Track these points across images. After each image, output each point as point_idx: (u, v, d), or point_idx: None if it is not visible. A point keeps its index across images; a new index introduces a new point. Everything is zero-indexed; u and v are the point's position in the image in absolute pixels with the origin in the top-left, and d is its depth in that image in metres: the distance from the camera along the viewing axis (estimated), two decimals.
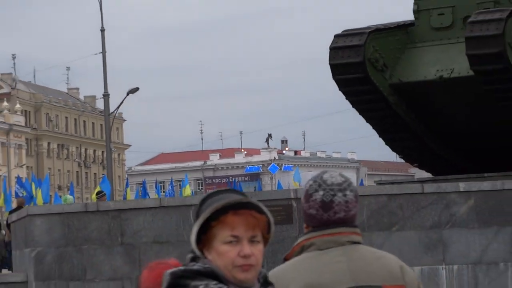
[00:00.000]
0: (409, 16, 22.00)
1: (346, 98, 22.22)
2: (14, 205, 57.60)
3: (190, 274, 4.32)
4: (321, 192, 5.45)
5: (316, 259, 5.66)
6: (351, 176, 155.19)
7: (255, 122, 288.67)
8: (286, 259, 6.15)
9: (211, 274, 3.74)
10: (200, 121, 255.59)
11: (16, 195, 62.92)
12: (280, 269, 6.06)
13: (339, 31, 21.81)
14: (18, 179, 78.96)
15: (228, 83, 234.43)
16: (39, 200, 66.35)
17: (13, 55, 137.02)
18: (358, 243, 5.81)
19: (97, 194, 55.65)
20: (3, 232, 39.28)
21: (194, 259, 4.32)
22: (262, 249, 4.06)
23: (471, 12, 20.52)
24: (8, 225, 35.44)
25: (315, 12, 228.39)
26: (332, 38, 21.63)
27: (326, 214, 5.62)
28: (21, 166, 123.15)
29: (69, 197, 64.40)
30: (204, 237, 3.62)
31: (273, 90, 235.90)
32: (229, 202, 4.08)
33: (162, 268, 4.86)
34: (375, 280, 5.60)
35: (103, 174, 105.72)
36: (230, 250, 3.82)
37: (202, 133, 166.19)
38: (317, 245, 5.68)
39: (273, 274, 5.82)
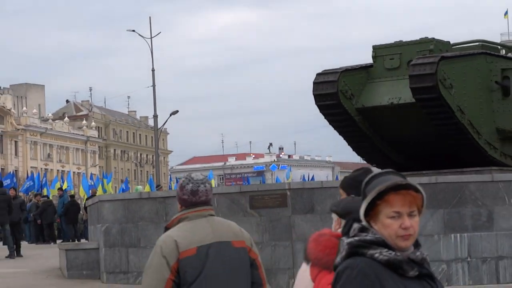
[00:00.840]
0: (369, 60, 22.01)
1: (325, 118, 22.18)
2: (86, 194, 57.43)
3: (365, 243, 4.35)
4: (190, 185, 6.82)
5: (191, 225, 6.85)
6: (328, 173, 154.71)
7: (260, 134, 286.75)
8: (167, 227, 7.16)
9: (382, 243, 3.93)
10: (222, 134, 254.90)
11: (90, 186, 62.83)
12: (169, 232, 6.99)
13: (320, 70, 21.99)
14: (91, 175, 78.95)
15: (242, 107, 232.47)
16: (109, 189, 66.46)
17: (90, 87, 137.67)
18: (213, 215, 7.16)
19: (156, 187, 56.14)
20: (82, 213, 39.02)
21: (362, 229, 4.35)
22: (418, 221, 4.22)
23: (413, 57, 20.50)
24: (85, 208, 35.22)
25: (294, 60, 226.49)
26: (315, 75, 21.72)
27: (194, 198, 6.92)
28: (94, 166, 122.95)
29: (139, 187, 65.76)
30: (371, 212, 3.80)
31: (274, 112, 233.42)
32: (390, 184, 4.15)
33: (325, 240, 5.86)
34: (227, 237, 6.96)
35: (152, 172, 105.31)
36: (393, 223, 3.98)
37: (223, 142, 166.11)
38: (190, 218, 6.84)
39: (165, 236, 7.13)
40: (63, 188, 54.89)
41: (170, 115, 75.95)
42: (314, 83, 21.69)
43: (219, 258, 6.61)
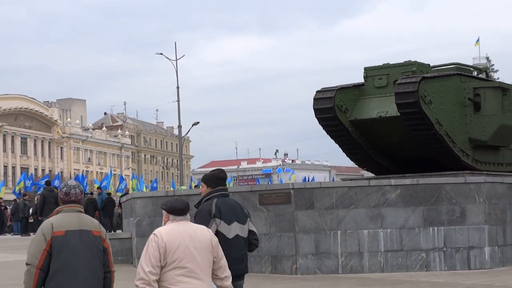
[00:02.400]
0: (360, 79, 22.03)
1: (323, 128, 22.18)
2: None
3: None
4: (65, 188, 7.97)
5: (64, 215, 8.04)
6: (326, 175, 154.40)
7: (268, 142, 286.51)
8: (50, 216, 8.35)
9: None
10: (235, 142, 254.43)
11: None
12: (50, 219, 8.17)
13: (319, 88, 22.03)
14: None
15: (252, 119, 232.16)
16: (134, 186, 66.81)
17: (124, 102, 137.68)
18: (81, 212, 8.22)
19: (195, 186, 56.14)
20: (116, 207, 39.09)
21: None
22: None
23: (398, 77, 20.51)
24: (120, 204, 35.28)
25: (295, 79, 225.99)
26: (315, 92, 21.74)
27: (67, 197, 8.11)
28: (128, 169, 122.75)
29: (183, 187, 64.78)
30: None
31: (279, 123, 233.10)
32: None
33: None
34: (88, 227, 8.02)
35: (177, 174, 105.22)
36: None
37: (236, 149, 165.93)
38: (65, 210, 8.03)
39: (46, 221, 8.32)
40: (101, 187, 55.18)
41: (192, 126, 76.13)
42: (314, 99, 21.72)
43: (81, 240, 7.77)
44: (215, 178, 9.55)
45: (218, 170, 10.18)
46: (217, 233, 8.63)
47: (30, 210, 36.88)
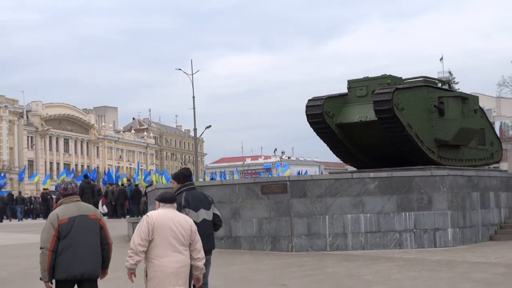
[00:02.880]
0: (344, 90, 21.96)
1: (314, 130, 22.13)
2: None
3: None
4: (63, 185, 8.51)
5: (66, 206, 8.53)
6: (316, 169, 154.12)
7: (268, 142, 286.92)
8: (54, 208, 8.89)
9: None
10: (241, 142, 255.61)
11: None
12: (55, 210, 8.67)
13: (310, 97, 22.01)
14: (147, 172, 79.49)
15: (254, 122, 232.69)
16: (163, 181, 66.52)
17: (149, 109, 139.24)
18: (78, 201, 8.74)
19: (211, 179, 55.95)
20: (143, 196, 38.91)
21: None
22: None
23: (376, 88, 20.46)
24: (145, 193, 35.15)
25: (290, 89, 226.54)
26: (307, 101, 21.74)
27: (66, 192, 8.64)
28: (152, 164, 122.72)
29: (200, 180, 65.37)
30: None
31: (277, 126, 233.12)
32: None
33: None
34: (86, 212, 8.56)
35: (193, 169, 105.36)
36: None
37: (242, 147, 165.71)
38: (65, 202, 8.56)
39: (52, 212, 8.83)
40: (131, 179, 55.32)
41: (205, 128, 76.43)
42: (306, 106, 21.70)
43: (81, 223, 8.38)
44: (183, 176, 10.34)
45: (184, 169, 11.31)
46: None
47: None
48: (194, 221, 8.51)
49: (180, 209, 9.08)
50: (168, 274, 7.76)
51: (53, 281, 8.13)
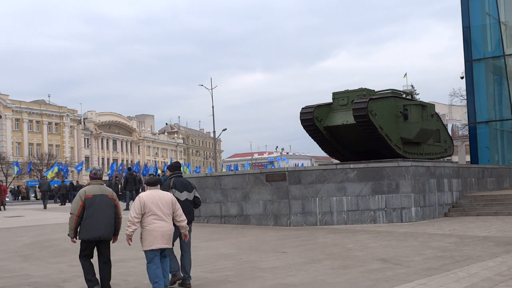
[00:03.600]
0: (329, 99, 21.88)
1: (306, 132, 22.04)
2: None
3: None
4: (93, 171, 9.16)
5: (92, 186, 9.10)
6: (308, 162, 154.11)
7: (271, 141, 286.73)
8: (85, 186, 9.84)
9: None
10: (250, 141, 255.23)
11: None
12: (84, 188, 9.35)
13: (303, 106, 22.00)
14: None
15: (260, 126, 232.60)
16: (187, 171, 66.47)
17: (178, 116, 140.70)
18: (102, 184, 9.29)
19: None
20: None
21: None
22: None
23: (355, 98, 20.40)
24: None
25: (287, 100, 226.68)
26: (301, 108, 21.69)
27: (93, 176, 9.26)
28: (181, 159, 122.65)
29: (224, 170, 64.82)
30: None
31: (278, 128, 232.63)
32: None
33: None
34: (106, 193, 9.12)
35: (212, 163, 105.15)
36: None
37: (251, 145, 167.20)
38: (92, 183, 9.18)
39: (82, 189, 9.55)
40: (164, 170, 55.28)
41: (222, 131, 76.53)
42: (300, 113, 21.62)
43: (101, 200, 8.98)
44: (173, 167, 10.80)
45: (175, 162, 11.95)
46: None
47: (119, 186, 36.96)
48: (178, 199, 9.35)
49: (168, 189, 9.76)
50: (156, 236, 8.49)
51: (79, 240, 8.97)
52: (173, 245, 9.09)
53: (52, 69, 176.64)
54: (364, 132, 20.42)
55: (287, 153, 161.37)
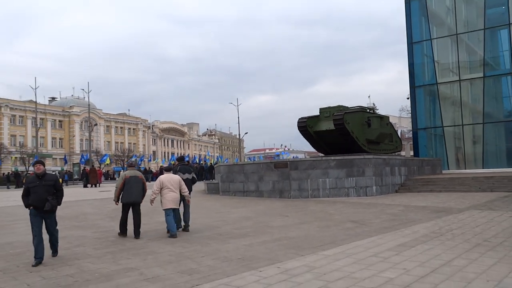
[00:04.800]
0: (317, 112, 21.79)
1: (301, 135, 21.97)
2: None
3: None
4: (129, 161, 9.19)
5: (129, 171, 9.66)
6: (303, 155, 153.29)
7: (278, 140, 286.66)
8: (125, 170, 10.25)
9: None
10: (263, 141, 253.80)
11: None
12: (124, 172, 9.96)
13: (299, 117, 21.97)
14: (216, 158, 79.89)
15: (270, 130, 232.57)
16: (219, 161, 66.44)
17: (215, 124, 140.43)
18: (135, 169, 9.82)
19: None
20: (213, 170, 38.87)
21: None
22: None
23: (335, 112, 20.34)
24: (214, 168, 35.14)
25: (288, 113, 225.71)
26: (297, 119, 21.62)
27: (130, 163, 9.79)
28: (216, 153, 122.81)
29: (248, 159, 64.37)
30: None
31: (281, 132, 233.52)
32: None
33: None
34: (137, 175, 9.62)
35: (238, 156, 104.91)
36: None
37: (264, 144, 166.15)
38: (129, 169, 9.81)
39: (123, 172, 10.76)
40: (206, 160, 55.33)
41: (244, 134, 76.76)
42: (297, 122, 21.52)
43: (134, 179, 9.54)
44: (179, 159, 11.53)
45: (180, 155, 12.92)
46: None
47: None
48: (182, 179, 10.21)
49: (176, 173, 10.56)
50: (169, 201, 9.62)
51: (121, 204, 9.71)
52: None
53: (130, 92, 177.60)
54: (341, 135, 20.33)
55: (288, 149, 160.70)
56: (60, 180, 50.76)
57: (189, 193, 10.34)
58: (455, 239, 8.48)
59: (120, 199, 9.53)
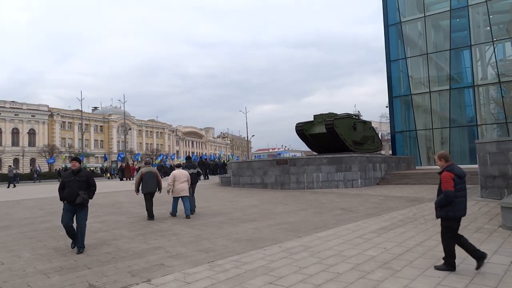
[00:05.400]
0: (311, 119, 21.66)
1: (299, 137, 21.82)
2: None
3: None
4: (145, 159, 9.44)
5: (145, 168, 9.80)
6: (300, 154, 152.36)
7: (280, 142, 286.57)
8: (142, 167, 10.21)
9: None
10: (267, 142, 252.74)
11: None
12: (141, 169, 9.98)
13: (296, 122, 21.83)
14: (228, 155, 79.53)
15: (274, 134, 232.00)
16: (231, 159, 66.20)
17: (227, 128, 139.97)
18: (150, 166, 9.96)
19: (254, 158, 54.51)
20: (226, 166, 38.83)
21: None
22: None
23: (327, 118, 20.20)
24: (226, 164, 35.01)
25: (288, 120, 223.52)
26: (295, 124, 21.51)
27: (146, 162, 9.88)
28: (228, 152, 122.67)
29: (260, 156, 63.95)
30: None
31: (283, 135, 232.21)
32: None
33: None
34: (152, 170, 9.76)
35: (246, 154, 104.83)
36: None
37: (268, 144, 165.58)
38: (145, 166, 9.96)
39: (141, 169, 10.07)
40: (219, 158, 55.18)
41: (251, 136, 77.33)
42: (295, 126, 21.33)
43: (149, 174, 9.71)
44: (187, 158, 12.07)
45: (187, 156, 13.45)
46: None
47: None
48: (189, 173, 10.75)
49: (184, 168, 11.03)
50: (180, 190, 9.99)
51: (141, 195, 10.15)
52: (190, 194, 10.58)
53: (158, 102, 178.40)
54: (331, 137, 20.17)
55: (288, 148, 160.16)
56: (108, 174, 51.76)
57: (196, 184, 11.17)
58: (427, 223, 8.40)
59: (140, 191, 9.88)
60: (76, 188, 6.62)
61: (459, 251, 5.32)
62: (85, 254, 6.49)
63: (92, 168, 59.72)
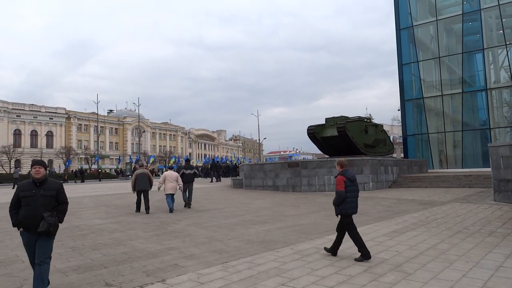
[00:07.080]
0: (323, 121, 21.59)
1: (310, 140, 21.77)
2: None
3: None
4: (138, 162, 10.93)
5: (139, 170, 10.76)
6: (311, 157, 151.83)
7: (291, 145, 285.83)
8: (136, 170, 10.83)
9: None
10: (279, 144, 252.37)
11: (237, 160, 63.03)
12: (136, 171, 11.08)
13: (308, 125, 21.81)
14: (238, 158, 79.83)
15: (284, 136, 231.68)
16: (243, 162, 66.33)
17: (239, 130, 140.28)
18: (143, 168, 10.96)
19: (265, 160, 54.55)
20: (237, 168, 38.82)
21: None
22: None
23: (338, 121, 20.16)
24: (238, 166, 35.03)
25: (298, 122, 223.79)
26: (307, 127, 21.47)
27: (138, 164, 9.74)
28: (240, 155, 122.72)
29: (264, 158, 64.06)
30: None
31: (294, 138, 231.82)
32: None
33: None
34: (145, 172, 10.97)
35: (258, 157, 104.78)
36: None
37: (279, 146, 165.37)
38: (139, 168, 10.78)
39: (135, 172, 11.07)
40: (231, 160, 55.28)
41: (263, 139, 76.77)
42: (307, 129, 21.34)
43: (142, 175, 10.81)
44: (186, 160, 12.79)
45: (187, 159, 13.56)
46: (183, 173, 12.06)
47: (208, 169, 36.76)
48: (185, 173, 11.70)
49: (182, 169, 11.95)
50: (169, 188, 11.09)
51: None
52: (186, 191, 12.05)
53: (171, 105, 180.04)
54: (343, 140, 20.09)
55: (299, 151, 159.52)
56: (128, 174, 53.19)
57: (192, 182, 12.12)
58: (439, 227, 8.30)
59: (135, 188, 11.25)
60: (40, 207, 4.21)
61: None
62: (102, 253, 6.58)
63: (107, 170, 60.24)
